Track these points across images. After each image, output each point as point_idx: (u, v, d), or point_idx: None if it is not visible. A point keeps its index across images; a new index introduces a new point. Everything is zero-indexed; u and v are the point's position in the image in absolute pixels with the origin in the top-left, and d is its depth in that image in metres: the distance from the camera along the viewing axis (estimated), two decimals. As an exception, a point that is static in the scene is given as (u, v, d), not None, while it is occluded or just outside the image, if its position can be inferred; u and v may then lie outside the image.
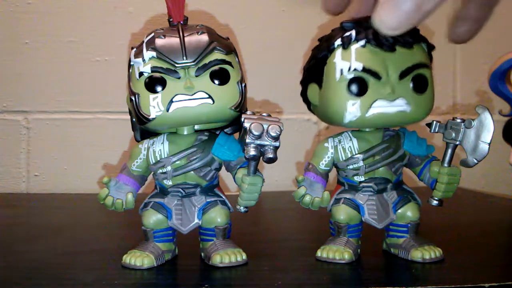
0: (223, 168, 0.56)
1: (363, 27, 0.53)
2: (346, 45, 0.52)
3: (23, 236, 0.67)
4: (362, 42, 0.52)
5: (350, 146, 0.55)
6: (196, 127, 0.55)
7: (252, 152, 0.48)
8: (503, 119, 0.75)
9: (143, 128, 0.54)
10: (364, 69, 0.51)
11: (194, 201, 0.54)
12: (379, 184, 0.55)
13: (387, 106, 0.52)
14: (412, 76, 0.52)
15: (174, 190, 0.54)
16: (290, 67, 0.94)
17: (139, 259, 0.52)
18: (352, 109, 0.51)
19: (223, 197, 0.56)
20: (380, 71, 0.51)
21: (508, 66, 0.70)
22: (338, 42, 0.53)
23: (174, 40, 0.52)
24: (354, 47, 0.52)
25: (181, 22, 0.54)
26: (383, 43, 0.51)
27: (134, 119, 0.55)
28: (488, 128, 0.50)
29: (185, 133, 0.55)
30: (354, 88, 0.51)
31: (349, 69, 0.51)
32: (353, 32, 0.52)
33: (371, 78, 0.51)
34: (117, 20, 1.01)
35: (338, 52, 0.52)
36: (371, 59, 0.51)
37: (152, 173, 0.56)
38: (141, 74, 0.52)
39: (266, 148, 0.48)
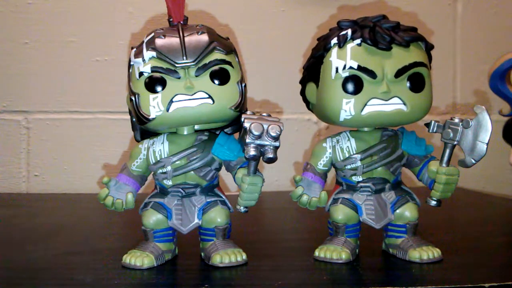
0: (223, 168, 0.56)
1: (360, 26, 0.53)
2: (341, 43, 0.52)
3: (23, 236, 0.67)
4: (357, 41, 0.52)
5: (348, 146, 0.55)
6: (196, 127, 0.55)
7: (252, 152, 0.48)
8: (503, 119, 0.75)
9: (143, 128, 0.55)
10: (359, 68, 0.51)
11: (194, 201, 0.55)
12: (377, 184, 0.55)
13: (382, 105, 0.52)
14: (408, 75, 0.52)
15: (174, 190, 0.54)
16: (290, 67, 0.94)
17: (139, 259, 0.52)
18: (346, 107, 0.52)
19: (223, 197, 0.56)
20: (376, 69, 0.51)
21: (508, 66, 0.70)
22: (334, 41, 0.53)
23: (174, 40, 0.52)
24: (350, 45, 0.52)
25: (181, 22, 0.54)
26: (379, 42, 0.51)
27: (134, 119, 0.55)
28: (486, 128, 0.50)
29: (185, 133, 0.55)
30: (349, 86, 0.52)
31: (344, 67, 0.52)
32: (349, 31, 0.52)
33: (366, 76, 0.51)
34: (117, 20, 1.01)
35: (334, 51, 0.53)
36: (366, 58, 0.52)
37: (152, 173, 0.56)
38: (141, 74, 0.52)
39: (266, 148, 0.48)
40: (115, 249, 0.59)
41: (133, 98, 0.52)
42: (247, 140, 0.48)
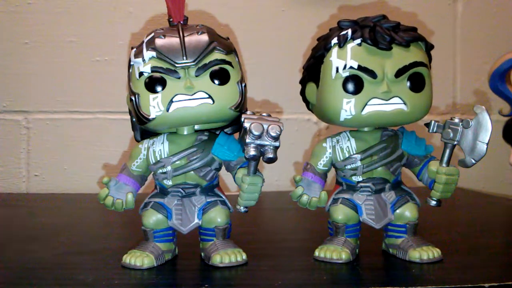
0: (223, 168, 0.56)
1: (360, 26, 0.53)
2: (342, 43, 0.52)
3: (23, 236, 0.67)
4: (358, 41, 0.52)
5: (348, 146, 0.55)
6: (196, 127, 0.55)
7: (252, 152, 0.48)
8: (503, 119, 0.75)
9: (143, 128, 0.55)
10: (360, 68, 0.51)
11: (194, 201, 0.55)
12: (377, 184, 0.55)
13: (382, 105, 0.52)
14: (408, 75, 0.52)
15: (174, 190, 0.54)
16: (290, 67, 0.94)
17: (139, 259, 0.52)
18: (347, 107, 0.52)
19: (223, 197, 0.56)
20: (376, 69, 0.51)
21: (508, 66, 0.70)
22: (334, 40, 0.53)
23: (174, 40, 0.52)
24: (350, 45, 0.52)
25: (181, 22, 0.54)
26: (379, 41, 0.51)
27: (134, 119, 0.55)
28: (486, 128, 0.50)
29: (185, 133, 0.55)
30: (349, 86, 0.52)
31: (345, 67, 0.52)
32: (349, 31, 0.52)
33: (367, 76, 0.51)
34: (117, 20, 1.01)
35: (334, 51, 0.53)
36: (366, 58, 0.52)
37: (152, 173, 0.56)
38: (141, 74, 0.52)
39: (266, 148, 0.48)
40: (115, 249, 0.59)
41: (133, 98, 0.52)
42: (247, 140, 0.48)
